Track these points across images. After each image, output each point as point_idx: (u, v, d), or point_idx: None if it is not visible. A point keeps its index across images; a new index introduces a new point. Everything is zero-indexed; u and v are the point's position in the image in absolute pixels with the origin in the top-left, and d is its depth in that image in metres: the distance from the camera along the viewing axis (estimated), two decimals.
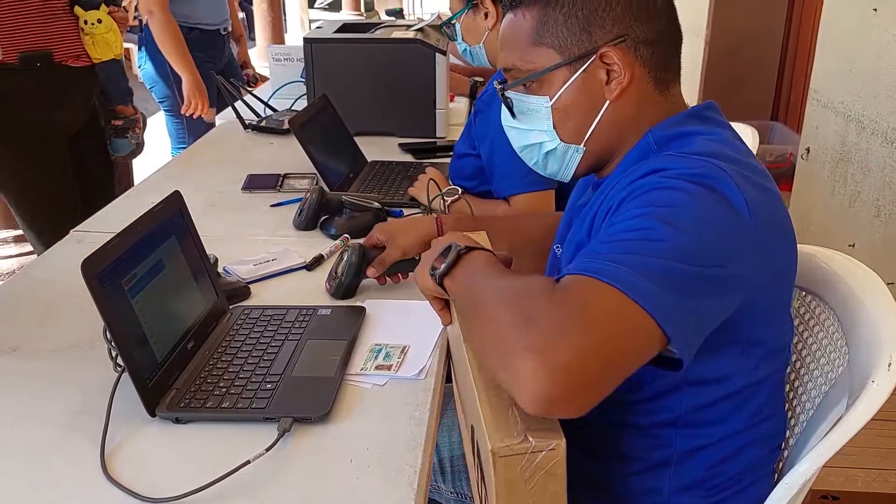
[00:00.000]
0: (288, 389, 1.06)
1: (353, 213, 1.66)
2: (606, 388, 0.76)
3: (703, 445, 0.99)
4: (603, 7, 0.99)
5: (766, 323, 0.95)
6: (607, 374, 0.76)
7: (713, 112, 1.06)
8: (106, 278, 0.99)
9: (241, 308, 1.30)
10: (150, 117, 6.09)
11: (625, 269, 0.78)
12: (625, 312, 0.76)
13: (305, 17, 9.94)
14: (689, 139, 0.97)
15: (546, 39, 1.01)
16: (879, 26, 2.92)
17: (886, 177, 2.85)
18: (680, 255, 0.80)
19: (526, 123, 1.07)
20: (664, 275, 0.78)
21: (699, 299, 0.81)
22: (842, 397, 1.00)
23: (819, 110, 3.41)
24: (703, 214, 0.84)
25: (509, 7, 1.05)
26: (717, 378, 0.96)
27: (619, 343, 0.76)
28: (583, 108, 1.03)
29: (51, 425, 1.02)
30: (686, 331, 0.79)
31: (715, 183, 0.86)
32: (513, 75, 1.06)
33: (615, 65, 0.99)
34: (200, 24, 3.23)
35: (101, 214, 1.81)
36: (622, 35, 0.99)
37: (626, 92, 1.01)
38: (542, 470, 0.77)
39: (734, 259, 0.85)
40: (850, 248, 3.02)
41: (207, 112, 3.10)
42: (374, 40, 2.46)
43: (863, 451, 2.17)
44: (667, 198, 0.86)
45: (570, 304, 0.77)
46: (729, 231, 0.85)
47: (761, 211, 0.87)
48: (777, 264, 0.93)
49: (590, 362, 0.74)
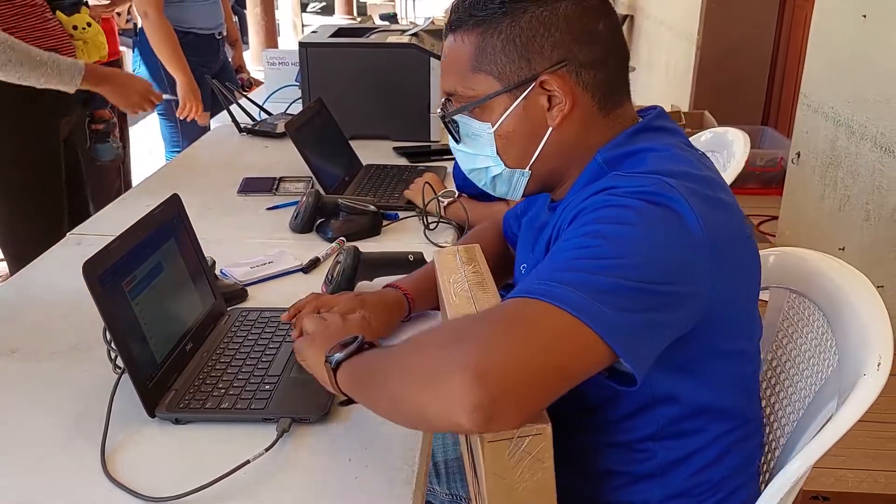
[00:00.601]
0: (286, 390, 1.07)
1: (349, 216, 1.68)
2: (545, 396, 0.76)
3: (686, 455, 1.00)
4: (541, 33, 0.97)
5: (731, 332, 0.96)
6: (543, 381, 0.75)
7: (662, 120, 1.04)
8: (107, 280, 1.00)
9: (238, 310, 1.31)
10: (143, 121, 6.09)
11: (565, 288, 0.78)
12: (558, 324, 0.76)
13: (298, 21, 9.96)
14: (640, 157, 0.96)
15: (485, 66, 0.99)
16: (869, 33, 2.95)
17: (876, 181, 2.88)
18: (625, 271, 0.80)
19: (471, 148, 1.06)
20: (607, 291, 0.78)
21: (646, 314, 0.81)
22: (832, 397, 1.01)
23: (809, 115, 3.44)
24: (650, 231, 0.84)
25: (449, 30, 1.03)
26: (688, 391, 0.97)
27: (552, 352, 0.76)
28: (525, 134, 1.01)
29: (51, 427, 1.03)
30: (632, 345, 0.79)
31: (665, 200, 0.86)
32: (455, 100, 1.04)
33: (556, 91, 0.97)
34: (195, 29, 3.23)
35: (97, 217, 1.82)
36: (562, 60, 0.97)
37: (569, 117, 0.99)
38: (530, 455, 0.79)
39: (686, 276, 0.85)
40: (840, 251, 3.04)
41: (202, 115, 3.11)
42: (369, 45, 2.47)
43: (852, 453, 2.20)
44: (613, 215, 0.85)
45: (499, 319, 0.77)
46: (679, 248, 0.85)
47: (714, 225, 0.87)
48: (736, 275, 0.93)
49: (522, 368, 0.73)
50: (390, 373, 0.85)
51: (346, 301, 1.21)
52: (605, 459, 1.03)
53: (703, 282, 0.86)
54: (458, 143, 1.07)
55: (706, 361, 0.95)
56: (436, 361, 0.77)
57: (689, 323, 0.87)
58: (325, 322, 1.06)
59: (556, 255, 0.85)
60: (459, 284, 1.10)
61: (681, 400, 0.97)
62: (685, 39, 5.44)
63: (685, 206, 0.85)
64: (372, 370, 0.89)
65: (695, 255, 0.85)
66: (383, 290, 1.29)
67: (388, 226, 1.74)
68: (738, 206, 0.97)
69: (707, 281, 0.86)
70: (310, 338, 1.04)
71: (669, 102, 5.52)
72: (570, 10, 0.97)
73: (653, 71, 6.50)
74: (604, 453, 1.03)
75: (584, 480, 1.04)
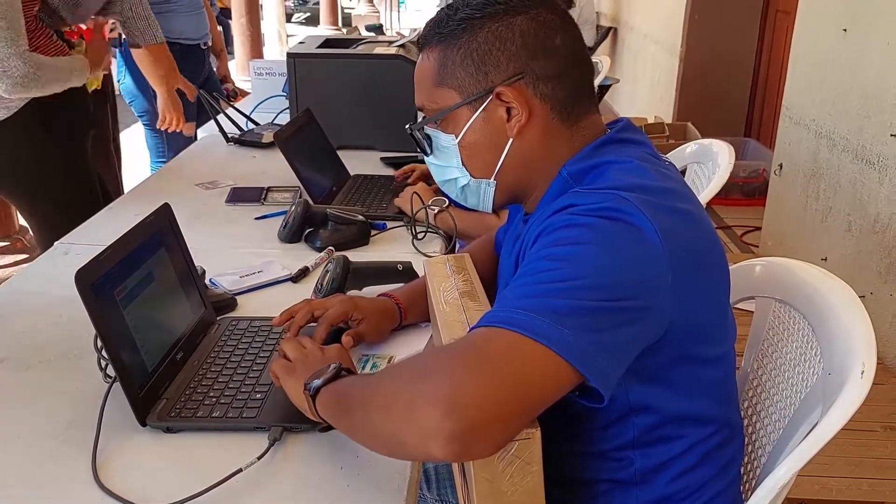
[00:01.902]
0: (277, 399, 1.08)
1: (337, 226, 1.68)
2: (516, 423, 0.77)
3: (665, 461, 1.01)
4: (497, 47, 1.00)
5: (701, 338, 0.97)
6: (512, 410, 0.76)
7: (628, 132, 1.06)
8: (99, 289, 1.00)
9: (228, 319, 1.31)
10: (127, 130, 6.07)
11: (527, 314, 0.79)
12: (523, 351, 0.78)
13: (283, 32, 9.96)
14: (601, 170, 0.98)
15: (447, 80, 1.03)
16: (849, 46, 3.00)
17: (857, 193, 2.92)
18: (584, 292, 0.81)
19: (440, 160, 1.09)
20: (567, 313, 0.80)
21: (608, 332, 0.82)
22: (816, 405, 1.03)
23: (791, 127, 3.48)
24: (608, 249, 0.85)
25: (419, 49, 1.08)
26: (662, 399, 0.98)
27: (519, 380, 0.77)
28: (487, 145, 1.04)
29: (41, 435, 1.03)
30: (597, 365, 0.80)
31: (621, 214, 0.87)
32: (425, 114, 1.09)
33: (512, 103, 1.00)
34: (181, 39, 3.23)
35: (85, 227, 1.82)
36: (518, 73, 1.00)
37: (528, 128, 1.01)
38: (519, 459, 0.80)
39: (646, 289, 0.86)
40: (823, 261, 3.08)
41: (185, 126, 3.11)
42: (356, 55, 2.48)
43: (836, 461, 2.22)
44: (572, 235, 0.87)
45: (466, 352, 0.79)
46: (638, 262, 0.86)
47: (672, 234, 0.88)
48: (701, 281, 0.94)
49: (490, 399, 0.75)
50: (366, 403, 0.87)
51: (340, 302, 1.23)
52: (585, 468, 1.04)
53: (664, 293, 0.87)
54: (429, 156, 1.11)
55: (678, 369, 0.96)
56: (409, 395, 0.79)
57: (654, 334, 0.89)
58: (304, 351, 1.07)
59: (518, 280, 0.87)
60: (449, 293, 1.11)
61: (655, 408, 0.98)
62: (668, 52, 5.50)
63: (641, 217, 0.87)
64: (349, 399, 0.91)
65: (654, 267, 0.87)
66: (377, 297, 1.30)
67: (376, 235, 1.75)
68: (703, 214, 0.99)
69: (668, 291, 0.88)
70: (290, 366, 1.05)
71: (653, 114, 5.57)
72: (526, 25, 1.00)
73: (636, 83, 6.56)
74: (583, 462, 1.04)
75: (565, 489, 1.05)
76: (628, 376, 0.91)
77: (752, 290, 1.23)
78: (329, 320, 1.21)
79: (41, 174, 2.27)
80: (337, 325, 1.22)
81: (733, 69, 5.13)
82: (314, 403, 0.95)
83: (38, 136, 2.21)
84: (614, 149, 1.02)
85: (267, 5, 9.51)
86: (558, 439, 1.03)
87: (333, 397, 0.94)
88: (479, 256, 1.31)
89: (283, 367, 1.05)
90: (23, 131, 2.17)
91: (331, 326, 1.21)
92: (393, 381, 0.86)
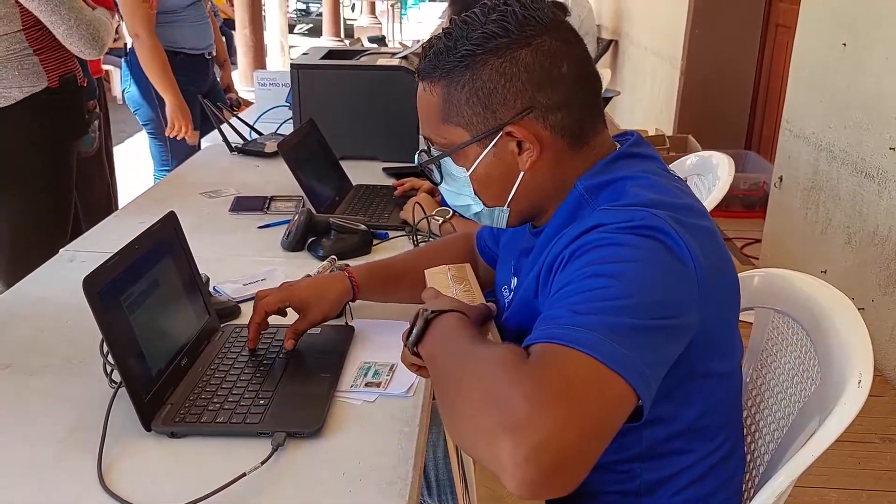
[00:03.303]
0: (280, 405, 1.09)
1: (340, 235, 1.70)
2: (591, 460, 0.75)
3: (671, 474, 1.02)
4: (503, 84, 0.97)
5: (714, 354, 0.98)
6: (590, 444, 0.74)
7: (639, 147, 1.06)
8: (106, 295, 1.01)
9: (231, 326, 1.33)
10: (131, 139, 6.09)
11: (591, 333, 0.78)
12: (601, 380, 0.76)
13: (286, 42, 10.00)
14: (619, 186, 0.98)
15: (453, 118, 1.02)
16: (849, 60, 3.02)
17: (856, 205, 2.93)
18: (637, 310, 0.81)
19: (452, 187, 1.09)
20: (627, 333, 0.79)
21: (658, 351, 0.83)
22: (814, 414, 1.04)
23: (791, 140, 3.50)
24: (650, 267, 0.86)
25: (419, 77, 1.06)
26: (673, 413, 0.99)
27: (597, 412, 0.75)
28: (499, 178, 1.03)
29: (47, 440, 1.04)
30: (651, 385, 0.81)
31: (657, 233, 0.87)
32: (433, 146, 1.08)
33: (523, 139, 0.99)
34: (186, 49, 3.26)
35: (90, 234, 1.83)
36: (527, 108, 0.98)
37: (540, 160, 1.01)
38: None
39: (685, 307, 0.87)
40: (823, 273, 3.09)
41: (191, 135, 3.13)
42: (359, 67, 2.50)
43: (835, 472, 2.22)
44: (613, 254, 0.86)
45: (542, 377, 0.76)
46: (676, 280, 0.87)
47: (700, 255, 0.89)
48: (719, 300, 0.95)
49: (570, 436, 0.72)
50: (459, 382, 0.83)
51: (278, 290, 1.28)
52: (590, 480, 1.04)
53: (694, 310, 0.88)
54: (440, 184, 1.11)
55: (691, 384, 0.98)
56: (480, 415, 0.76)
57: (682, 350, 0.90)
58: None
59: (566, 297, 0.85)
60: None
61: (666, 422, 0.99)
62: (669, 65, 5.52)
63: (675, 237, 0.88)
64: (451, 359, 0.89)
65: (688, 285, 0.88)
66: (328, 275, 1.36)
67: (378, 245, 1.76)
68: (717, 230, 1.00)
69: (696, 308, 0.89)
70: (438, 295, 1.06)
71: (653, 126, 5.59)
72: (531, 58, 0.97)
73: (637, 95, 6.58)
74: (588, 474, 1.04)
75: (569, 500, 1.06)
76: None
77: (751, 301, 1.24)
78: (264, 306, 1.24)
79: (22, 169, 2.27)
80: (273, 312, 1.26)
81: (734, 82, 5.15)
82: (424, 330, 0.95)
83: (25, 133, 2.23)
84: (628, 163, 1.02)
85: (270, 16, 9.56)
86: None
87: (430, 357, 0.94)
88: (453, 252, 1.33)
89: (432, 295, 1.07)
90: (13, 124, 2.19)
91: (265, 313, 1.24)
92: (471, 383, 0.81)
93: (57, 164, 2.34)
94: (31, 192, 2.29)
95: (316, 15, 15.41)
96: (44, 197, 2.32)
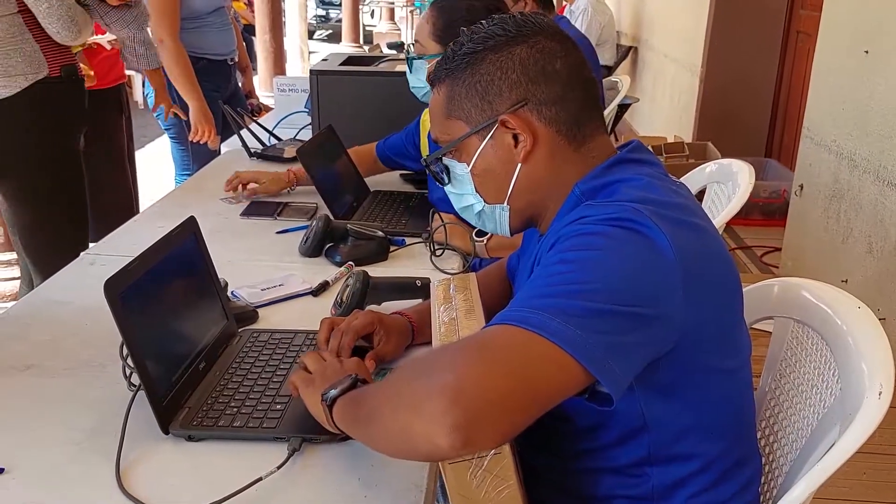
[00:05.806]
0: (297, 410, 1.09)
1: (357, 241, 1.70)
2: (521, 417, 0.79)
3: (682, 478, 1.02)
4: (499, 77, 1.03)
5: (714, 351, 0.98)
6: (518, 402, 0.78)
7: (639, 152, 1.08)
8: (126, 298, 1.02)
9: (249, 331, 1.33)
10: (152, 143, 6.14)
11: (538, 313, 0.81)
12: (531, 347, 0.80)
13: (305, 48, 10.05)
14: (614, 188, 1.00)
15: (455, 112, 1.07)
16: (870, 68, 2.99)
17: (878, 214, 2.91)
18: (594, 295, 0.84)
19: (457, 188, 1.13)
20: (578, 314, 0.82)
21: (618, 335, 0.84)
22: (834, 425, 1.03)
23: (812, 148, 3.47)
24: (622, 256, 0.88)
25: (431, 86, 1.12)
26: (676, 413, 0.99)
27: (526, 374, 0.79)
28: (497, 171, 1.07)
29: (66, 441, 1.05)
30: (606, 365, 0.82)
31: (634, 224, 0.89)
32: (439, 144, 1.12)
33: (517, 129, 1.03)
34: (209, 55, 3.28)
35: (110, 237, 1.85)
36: (522, 100, 1.03)
37: (535, 152, 1.04)
38: (491, 474, 0.82)
39: (659, 298, 0.88)
40: (844, 283, 3.06)
41: (213, 139, 3.15)
42: (378, 73, 2.52)
43: (855, 485, 2.20)
44: (584, 242, 0.90)
45: (475, 345, 0.82)
46: (651, 271, 0.88)
47: (685, 247, 0.90)
48: (713, 294, 0.95)
49: (496, 389, 0.76)
50: (377, 406, 0.89)
51: (364, 315, 1.26)
52: (602, 485, 1.05)
53: (675, 302, 0.89)
54: (446, 185, 1.14)
55: (690, 381, 0.97)
56: (415, 388, 0.81)
57: (664, 344, 0.90)
58: (323, 363, 1.09)
59: (532, 283, 0.90)
60: (448, 313, 1.14)
61: (668, 422, 0.99)
62: (689, 72, 5.50)
63: (655, 229, 0.89)
64: (362, 404, 0.93)
65: (666, 277, 0.89)
66: (391, 315, 1.32)
67: (395, 251, 1.77)
68: (713, 228, 1.01)
69: (680, 302, 0.89)
70: (309, 377, 1.07)
71: (673, 133, 5.57)
72: (526, 53, 1.04)
73: (656, 102, 6.56)
74: (599, 478, 1.04)
75: None
76: (642, 389, 0.92)
77: (770, 311, 1.23)
78: (355, 331, 1.22)
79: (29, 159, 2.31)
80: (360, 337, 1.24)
81: (754, 89, 5.12)
82: (331, 413, 0.97)
83: (30, 122, 2.27)
84: (626, 168, 1.05)
85: (290, 22, 9.61)
86: (573, 456, 1.04)
87: (349, 406, 0.96)
88: (485, 282, 1.33)
89: (302, 379, 1.07)
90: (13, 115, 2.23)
91: (357, 336, 1.22)
92: (401, 380, 0.88)
93: (62, 158, 2.38)
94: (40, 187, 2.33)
95: (335, 21, 15.48)
96: (55, 195, 2.36)
